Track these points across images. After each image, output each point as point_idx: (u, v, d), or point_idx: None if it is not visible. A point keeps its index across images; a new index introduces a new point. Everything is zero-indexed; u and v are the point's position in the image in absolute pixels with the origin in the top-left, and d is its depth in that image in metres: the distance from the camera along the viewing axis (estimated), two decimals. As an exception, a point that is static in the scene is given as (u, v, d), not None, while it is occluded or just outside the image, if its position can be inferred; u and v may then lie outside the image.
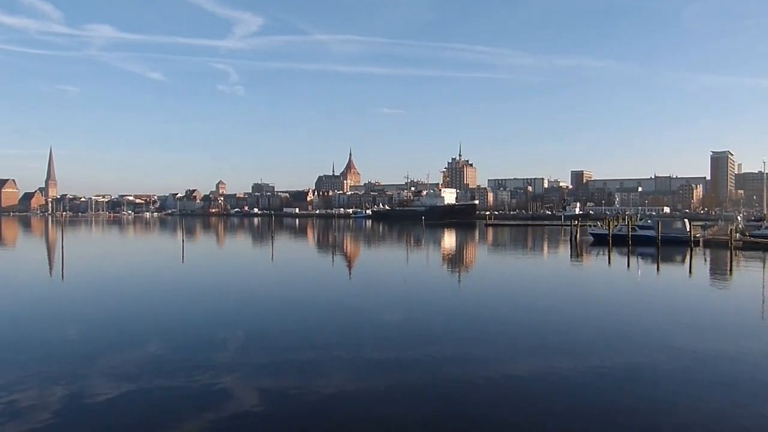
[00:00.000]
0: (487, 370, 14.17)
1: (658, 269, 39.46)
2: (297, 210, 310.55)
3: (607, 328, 19.23)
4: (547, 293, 27.72)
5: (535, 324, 19.91)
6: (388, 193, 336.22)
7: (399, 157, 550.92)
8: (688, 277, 35.25)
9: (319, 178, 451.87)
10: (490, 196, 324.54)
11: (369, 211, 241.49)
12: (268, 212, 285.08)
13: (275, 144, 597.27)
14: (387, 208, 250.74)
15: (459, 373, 13.91)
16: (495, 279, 34.13)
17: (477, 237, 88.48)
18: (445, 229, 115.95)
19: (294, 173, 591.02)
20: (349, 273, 37.91)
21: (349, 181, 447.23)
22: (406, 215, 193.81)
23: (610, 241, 60.40)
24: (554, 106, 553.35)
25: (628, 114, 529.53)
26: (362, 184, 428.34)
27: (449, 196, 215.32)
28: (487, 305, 24.07)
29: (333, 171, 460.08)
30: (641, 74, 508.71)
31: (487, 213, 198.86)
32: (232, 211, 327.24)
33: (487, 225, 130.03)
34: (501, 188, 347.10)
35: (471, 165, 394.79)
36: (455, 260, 48.90)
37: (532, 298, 25.98)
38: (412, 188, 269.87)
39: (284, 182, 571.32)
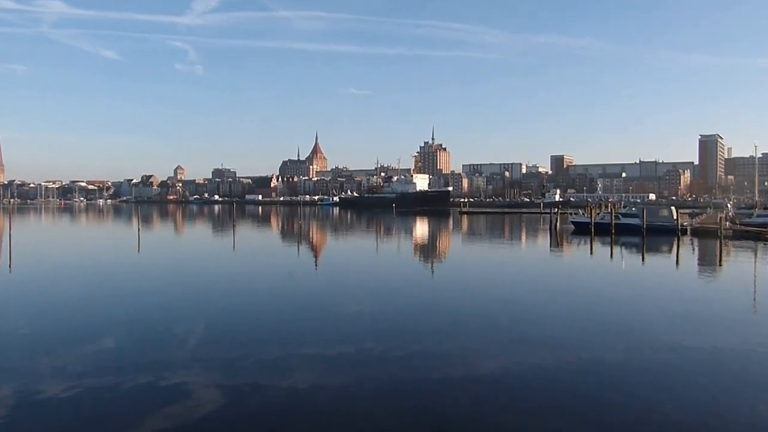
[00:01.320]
0: (464, 366, 14.12)
1: (643, 260, 39.95)
2: (260, 197, 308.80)
3: (588, 321, 19.38)
4: (525, 285, 27.95)
5: (514, 317, 19.98)
6: (357, 179, 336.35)
7: (368, 141, 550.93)
8: (675, 268, 35.76)
9: (284, 163, 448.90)
10: (465, 183, 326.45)
11: (336, 198, 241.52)
12: (229, 199, 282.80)
13: (237, 127, 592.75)
14: (355, 195, 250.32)
15: (434, 368, 13.85)
16: (470, 270, 34.31)
17: (451, 225, 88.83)
18: (418, 217, 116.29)
19: (257, 158, 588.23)
20: (316, 264, 37.83)
21: (315, 167, 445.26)
22: (375, 202, 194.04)
23: (593, 230, 61.15)
24: (532, 87, 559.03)
25: (611, 96, 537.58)
26: (329, 170, 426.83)
27: (422, 183, 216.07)
28: (462, 297, 24.12)
29: (298, 156, 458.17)
30: (625, 54, 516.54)
31: (462, 200, 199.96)
32: (191, 198, 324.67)
33: (461, 213, 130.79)
34: (476, 174, 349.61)
35: (445, 149, 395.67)
36: (428, 250, 49.14)
37: (510, 290, 26.16)
38: (382, 174, 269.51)
39: (246, 168, 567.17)
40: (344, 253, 46.50)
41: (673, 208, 68.63)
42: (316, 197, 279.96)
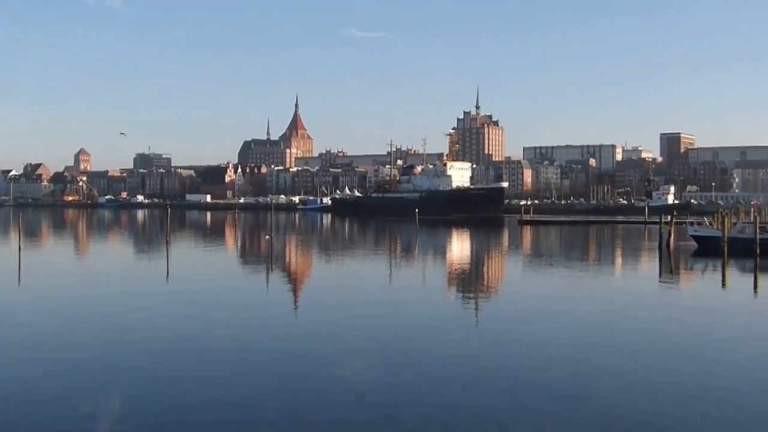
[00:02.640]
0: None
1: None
2: (208, 197, 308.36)
3: (721, 405, 18.88)
4: (620, 340, 27.54)
5: (602, 395, 19.70)
6: (360, 169, 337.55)
7: (377, 111, 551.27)
8: None
9: (246, 145, 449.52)
10: (528, 175, 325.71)
11: (327, 200, 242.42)
12: (160, 201, 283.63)
13: (172, 90, 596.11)
14: (357, 194, 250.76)
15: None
16: (534, 315, 33.95)
17: (506, 242, 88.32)
18: (454, 229, 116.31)
19: (204, 138, 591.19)
20: (295, 304, 37.93)
21: (294, 151, 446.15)
22: (388, 206, 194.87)
23: (726, 250, 60.63)
24: (631, 37, 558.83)
25: (750, 48, 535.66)
26: (316, 155, 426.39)
27: (460, 175, 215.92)
28: (522, 359, 23.93)
29: (268, 134, 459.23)
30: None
31: (523, 202, 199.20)
32: (102, 200, 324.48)
33: (522, 222, 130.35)
34: (545, 162, 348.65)
35: (496, 123, 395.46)
36: (469, 284, 49.07)
37: (598, 351, 25.70)
38: (399, 162, 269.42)
39: (188, 153, 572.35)
40: (339, 286, 46.12)
41: None
42: (297, 198, 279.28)
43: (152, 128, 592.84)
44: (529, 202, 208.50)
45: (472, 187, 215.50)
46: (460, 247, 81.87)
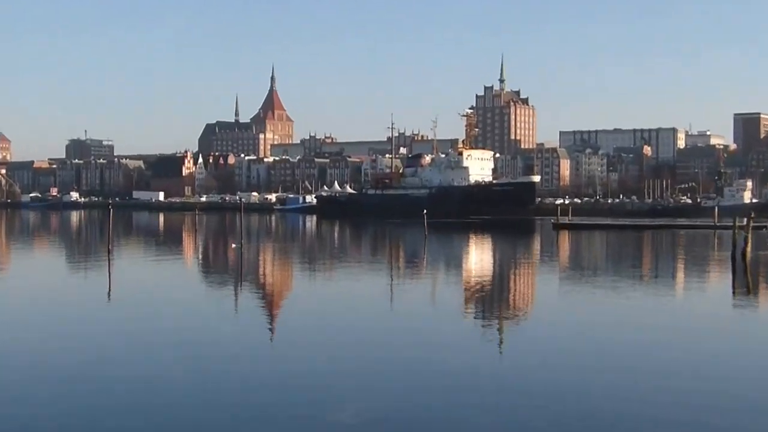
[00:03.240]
0: None
1: None
2: (161, 195, 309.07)
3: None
4: (684, 374, 27.60)
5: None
6: (353, 159, 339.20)
7: (375, 85, 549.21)
8: None
9: (208, 129, 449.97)
10: (566, 167, 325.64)
11: (312, 198, 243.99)
12: (100, 200, 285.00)
13: (115, 59, 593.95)
14: (349, 190, 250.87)
15: None
16: (575, 344, 33.97)
17: (537, 251, 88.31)
18: (472, 236, 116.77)
19: (156, 120, 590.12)
20: (271, 329, 38.08)
21: (270, 136, 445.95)
22: (388, 206, 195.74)
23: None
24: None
25: None
26: (298, 142, 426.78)
27: (479, 166, 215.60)
28: (560, 399, 23.88)
29: (236, 114, 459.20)
30: None
31: (559, 201, 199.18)
32: (27, 198, 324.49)
33: (558, 226, 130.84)
34: (587, 150, 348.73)
35: (525, 102, 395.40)
36: (491, 303, 49.25)
37: (659, 403, 25.67)
38: (402, 149, 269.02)
39: (135, 139, 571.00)
40: (325, 307, 46.05)
41: None
42: (273, 195, 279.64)
43: (90, 107, 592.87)
44: (566, 201, 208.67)
45: (495, 182, 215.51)
46: (479, 258, 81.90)
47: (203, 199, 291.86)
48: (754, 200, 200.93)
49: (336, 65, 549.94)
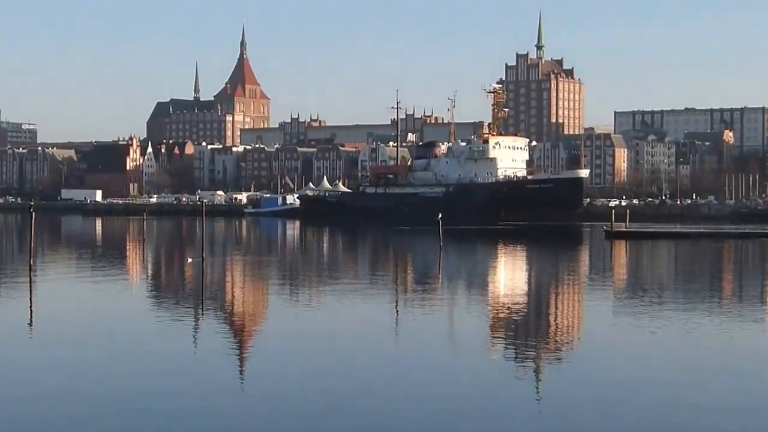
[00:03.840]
0: None
1: None
2: (99, 194, 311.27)
3: None
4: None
5: None
6: (346, 148, 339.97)
7: (374, 52, 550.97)
8: None
9: (160, 109, 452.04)
10: (622, 158, 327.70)
11: (295, 199, 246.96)
12: (19, 201, 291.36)
13: (36, 19, 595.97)
14: (342, 188, 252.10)
15: None
16: (633, 395, 33.23)
17: (586, 267, 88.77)
18: (500, 246, 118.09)
19: (91, 100, 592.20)
20: (240, 370, 37.77)
21: (239, 118, 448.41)
22: (392, 208, 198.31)
23: None
24: None
25: None
26: (276, 126, 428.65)
27: (510, 157, 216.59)
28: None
29: (196, 91, 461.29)
30: None
31: (614, 202, 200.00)
32: None
33: (612, 234, 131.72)
34: (650, 136, 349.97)
35: (570, 75, 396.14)
36: (525, 334, 49.27)
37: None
38: (411, 136, 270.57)
39: (66, 123, 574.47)
40: (311, 344, 45.67)
41: None
42: (244, 195, 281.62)
43: (5, 81, 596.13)
44: (623, 203, 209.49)
45: (530, 177, 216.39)
46: (510, 277, 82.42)
47: (153, 199, 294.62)
48: None
49: (325, 26, 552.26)
